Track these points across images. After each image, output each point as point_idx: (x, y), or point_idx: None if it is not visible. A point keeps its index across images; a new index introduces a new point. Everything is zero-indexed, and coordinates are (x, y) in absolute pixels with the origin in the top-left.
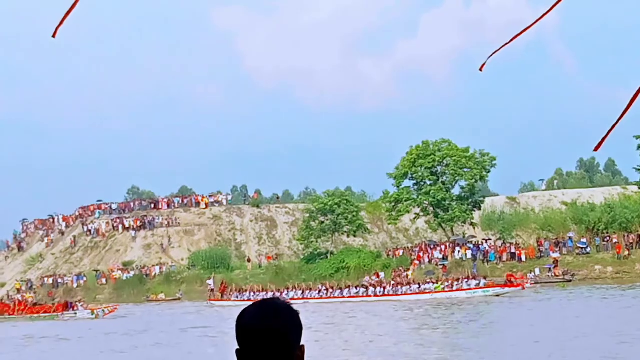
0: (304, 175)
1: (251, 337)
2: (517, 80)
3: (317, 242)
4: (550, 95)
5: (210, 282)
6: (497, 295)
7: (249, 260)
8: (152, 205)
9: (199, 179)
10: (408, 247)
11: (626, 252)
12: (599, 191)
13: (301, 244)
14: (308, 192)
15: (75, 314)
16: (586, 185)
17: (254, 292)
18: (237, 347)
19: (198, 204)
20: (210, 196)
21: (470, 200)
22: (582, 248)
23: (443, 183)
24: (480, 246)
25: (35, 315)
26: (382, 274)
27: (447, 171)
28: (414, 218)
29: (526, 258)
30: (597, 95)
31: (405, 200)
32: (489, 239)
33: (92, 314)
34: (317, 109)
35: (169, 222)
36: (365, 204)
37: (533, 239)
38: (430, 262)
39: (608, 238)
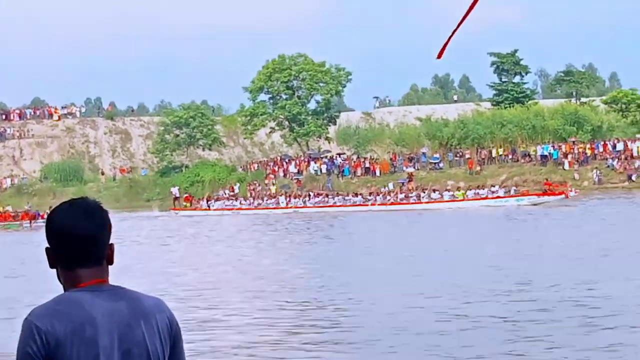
0: (160, 89)
1: (63, 236)
2: None
3: (172, 155)
4: (404, 10)
5: (175, 190)
6: (534, 205)
7: (102, 173)
8: (3, 116)
9: (52, 90)
10: (263, 161)
11: (478, 168)
12: (452, 107)
13: (156, 157)
14: (163, 106)
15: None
16: (440, 101)
17: (221, 201)
18: (47, 245)
19: (51, 115)
20: (63, 108)
21: (326, 114)
22: (434, 163)
23: (299, 97)
24: (334, 160)
25: None
26: (236, 187)
27: (302, 85)
28: (270, 132)
29: (380, 173)
30: (449, 12)
31: (261, 114)
32: (344, 154)
33: None
34: (172, 22)
35: (20, 134)
36: (220, 117)
37: (387, 154)
38: (285, 176)
39: (460, 153)
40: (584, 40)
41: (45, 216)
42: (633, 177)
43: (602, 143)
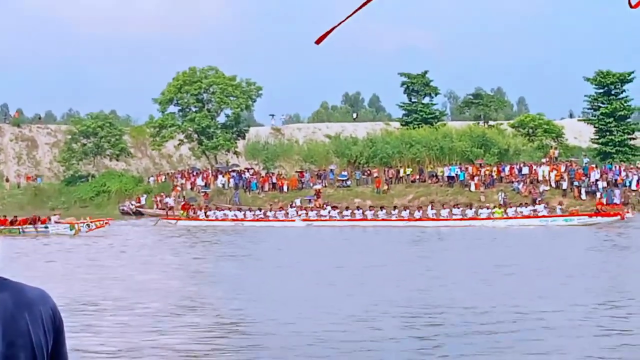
0: (68, 97)
1: None
2: (283, 9)
3: (78, 164)
4: (315, 27)
5: (169, 200)
6: (585, 225)
7: (7, 180)
8: None
9: None
10: (171, 173)
11: (385, 187)
12: (362, 126)
13: (62, 165)
14: (71, 114)
15: (46, 228)
16: (350, 120)
17: (230, 210)
18: None
19: None
20: None
21: (235, 128)
22: (342, 181)
23: (208, 110)
24: (242, 175)
25: None
26: (143, 199)
27: (213, 99)
28: (178, 144)
29: (288, 188)
30: (362, 31)
31: (170, 126)
32: (252, 168)
33: (71, 229)
34: (83, 30)
35: None
36: (129, 128)
37: (296, 171)
38: (192, 189)
39: (368, 172)
40: (493, 64)
41: (50, 220)
42: (537, 201)
43: (509, 166)
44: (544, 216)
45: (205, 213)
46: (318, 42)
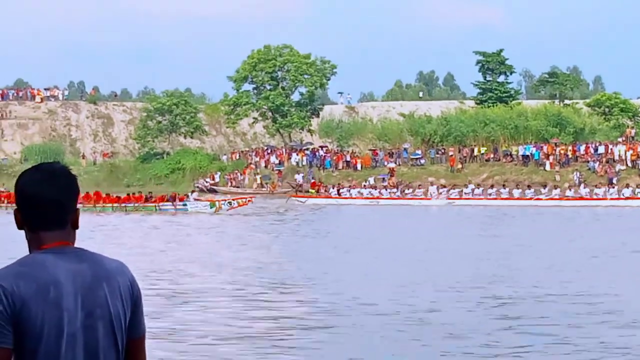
0: (143, 75)
1: (27, 199)
2: None
3: (153, 141)
4: (392, 6)
5: (299, 176)
6: None
7: (83, 157)
8: None
9: (35, 72)
10: (245, 151)
11: (459, 165)
12: (436, 104)
13: (137, 142)
14: (147, 92)
15: (185, 205)
16: (424, 98)
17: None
18: (16, 207)
19: (33, 97)
20: (46, 90)
21: (309, 107)
22: (416, 159)
23: (283, 88)
24: (316, 153)
25: (129, 205)
26: (217, 176)
27: (287, 77)
28: (252, 122)
29: (362, 167)
30: (437, 9)
31: (244, 104)
32: (326, 146)
33: (212, 207)
34: (159, 8)
35: (2, 115)
36: (204, 105)
37: (369, 149)
38: (266, 166)
39: (443, 150)
40: (569, 42)
41: (188, 197)
42: (614, 181)
43: (584, 145)
44: None
45: (338, 191)
46: None
